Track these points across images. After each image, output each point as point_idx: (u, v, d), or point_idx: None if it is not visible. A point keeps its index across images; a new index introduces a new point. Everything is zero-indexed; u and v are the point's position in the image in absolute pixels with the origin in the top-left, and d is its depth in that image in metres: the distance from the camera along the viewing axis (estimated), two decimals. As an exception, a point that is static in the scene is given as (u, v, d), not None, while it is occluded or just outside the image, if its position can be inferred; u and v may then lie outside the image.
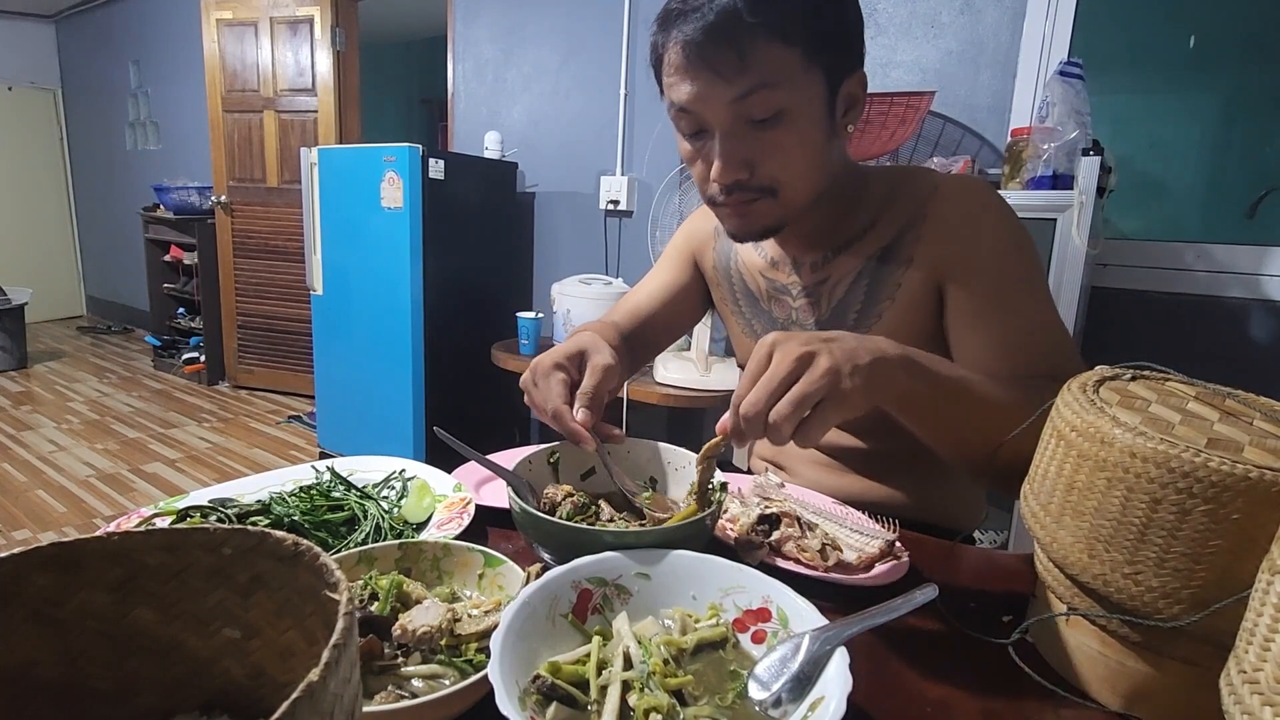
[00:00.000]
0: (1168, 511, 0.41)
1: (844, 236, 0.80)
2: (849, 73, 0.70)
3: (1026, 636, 0.53)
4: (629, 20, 2.60)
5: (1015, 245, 0.73)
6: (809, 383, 0.50)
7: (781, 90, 0.65)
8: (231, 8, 3.53)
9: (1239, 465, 0.39)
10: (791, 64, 0.64)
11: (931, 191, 0.76)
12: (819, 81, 0.67)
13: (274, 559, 0.33)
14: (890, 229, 0.77)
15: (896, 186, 0.78)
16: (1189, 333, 1.80)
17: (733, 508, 0.68)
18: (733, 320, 0.94)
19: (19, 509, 2.50)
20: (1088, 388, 0.50)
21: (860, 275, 0.79)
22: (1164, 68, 1.89)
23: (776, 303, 0.87)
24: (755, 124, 0.67)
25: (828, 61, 0.67)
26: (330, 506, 0.69)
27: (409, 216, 2.48)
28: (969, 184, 0.76)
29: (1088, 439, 0.45)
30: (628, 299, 0.98)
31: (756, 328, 0.90)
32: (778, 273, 0.86)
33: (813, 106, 0.68)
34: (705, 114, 0.67)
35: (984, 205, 0.74)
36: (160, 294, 4.45)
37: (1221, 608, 0.40)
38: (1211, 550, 0.40)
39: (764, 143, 0.68)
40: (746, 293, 0.90)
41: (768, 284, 0.87)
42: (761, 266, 0.88)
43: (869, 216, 0.79)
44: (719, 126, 0.67)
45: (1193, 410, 0.47)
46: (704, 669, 0.46)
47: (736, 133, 0.67)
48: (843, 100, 0.71)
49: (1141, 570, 0.43)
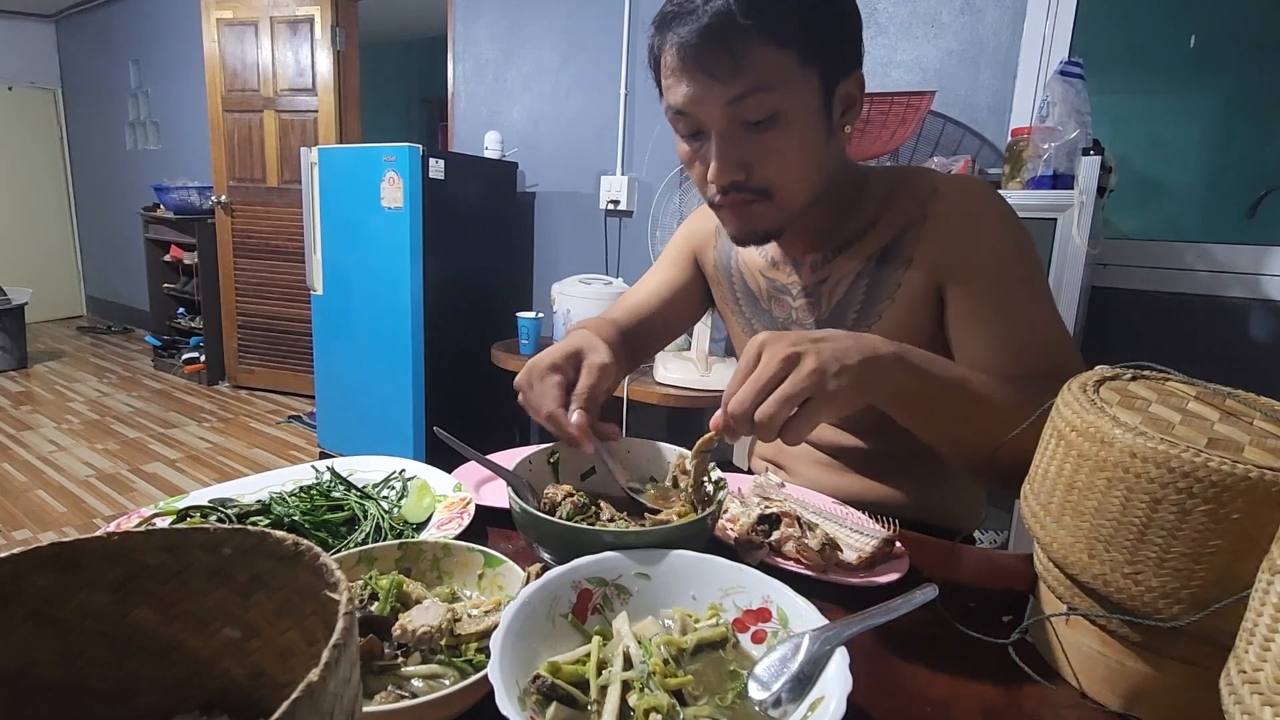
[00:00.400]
0: (1168, 511, 0.41)
1: (844, 236, 0.80)
2: (846, 74, 0.69)
3: (1026, 636, 0.53)
4: (629, 20, 2.60)
5: (1015, 245, 0.73)
6: (794, 383, 0.52)
7: (776, 93, 0.65)
8: (232, 7, 3.53)
9: (1239, 465, 0.39)
10: (786, 66, 0.64)
11: (931, 192, 0.76)
12: (814, 83, 0.67)
13: (274, 559, 0.33)
14: (890, 229, 0.77)
15: (896, 187, 0.78)
16: (1189, 333, 1.80)
17: (733, 508, 0.68)
18: (733, 320, 0.94)
19: (19, 509, 2.50)
20: (1088, 387, 0.50)
21: (860, 275, 0.79)
22: (1164, 68, 1.89)
23: (776, 302, 0.87)
24: (750, 126, 0.67)
25: (823, 63, 0.67)
26: (330, 506, 0.69)
27: (409, 216, 2.48)
28: (969, 184, 0.76)
29: (1088, 439, 0.45)
30: (628, 296, 0.98)
31: (756, 327, 0.90)
32: (778, 272, 0.86)
33: (808, 108, 0.67)
34: (701, 116, 0.67)
35: (984, 205, 0.74)
36: (160, 294, 4.45)
37: (1221, 608, 0.40)
38: (1211, 550, 0.40)
39: (759, 145, 0.68)
40: (747, 292, 0.90)
41: (768, 283, 0.87)
42: (762, 266, 0.88)
43: (869, 216, 0.79)
44: (714, 128, 0.68)
45: (1193, 410, 0.47)
46: (704, 669, 0.46)
47: (732, 135, 0.67)
48: (839, 101, 0.70)
49: (1141, 570, 0.43)
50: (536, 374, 0.67)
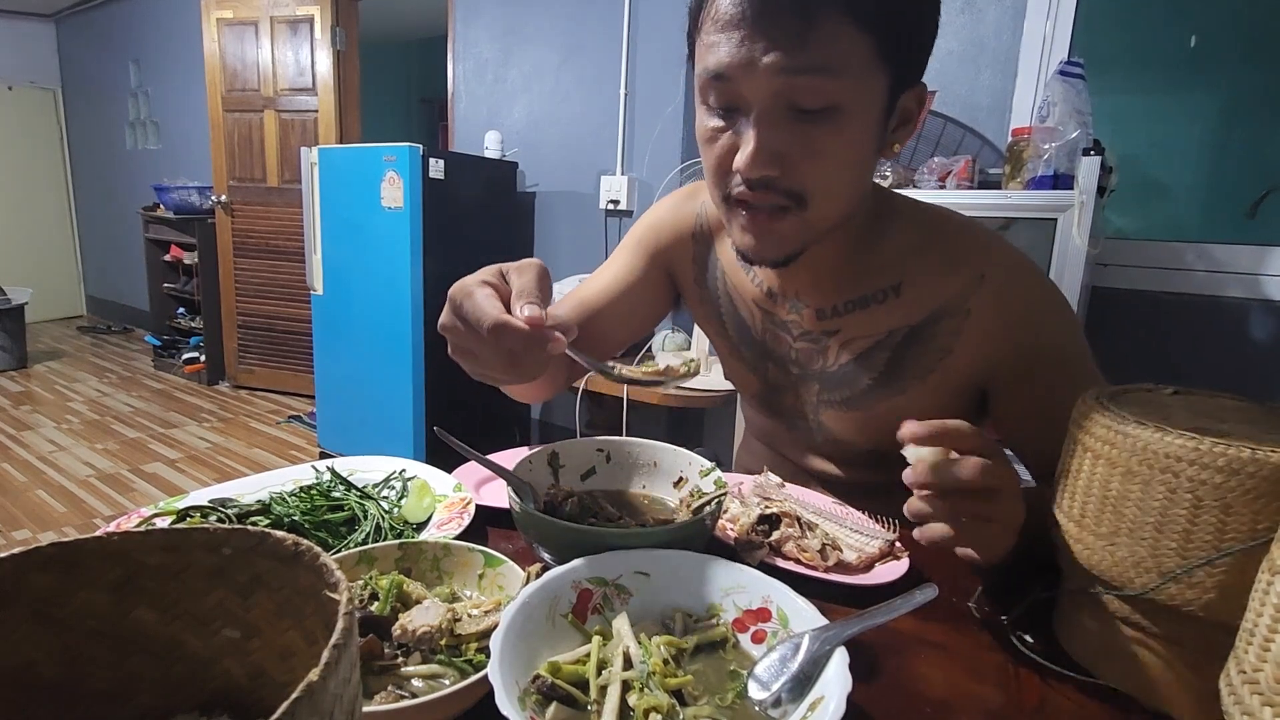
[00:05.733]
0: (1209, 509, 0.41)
1: (859, 289, 0.72)
2: (912, 84, 0.61)
3: (1025, 635, 0.53)
4: (629, 20, 2.60)
5: (1074, 338, 0.69)
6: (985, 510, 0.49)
7: (841, 81, 0.55)
8: (232, 7, 3.53)
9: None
10: (859, 54, 0.55)
11: (976, 282, 0.68)
12: (883, 84, 0.58)
13: (274, 559, 0.33)
14: (920, 307, 0.70)
15: (929, 245, 0.70)
16: (1189, 333, 1.80)
17: (733, 508, 0.68)
18: (718, 341, 0.87)
19: (19, 509, 2.50)
20: (1105, 401, 0.49)
21: (879, 346, 0.72)
22: (1164, 68, 1.89)
23: (772, 336, 0.80)
24: (800, 114, 0.57)
25: (897, 63, 0.58)
26: (330, 506, 0.69)
27: (409, 216, 2.48)
28: (1020, 278, 0.69)
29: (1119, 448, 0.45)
30: (574, 294, 0.86)
31: (746, 354, 0.83)
32: (776, 307, 0.78)
33: (870, 110, 0.58)
34: (743, 86, 0.56)
35: (1039, 303, 0.68)
36: (160, 294, 4.45)
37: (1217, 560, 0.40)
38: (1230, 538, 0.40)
39: (806, 139, 0.57)
40: (736, 318, 0.82)
41: (763, 315, 0.79)
42: (755, 295, 0.79)
43: (893, 274, 0.71)
44: (757, 105, 0.57)
45: (1209, 412, 0.47)
46: (704, 669, 0.46)
47: (776, 118, 0.57)
48: (899, 113, 0.62)
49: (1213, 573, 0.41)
50: (467, 290, 0.50)
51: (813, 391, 0.79)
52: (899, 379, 0.72)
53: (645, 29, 2.59)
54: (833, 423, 0.78)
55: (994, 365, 0.70)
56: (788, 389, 0.82)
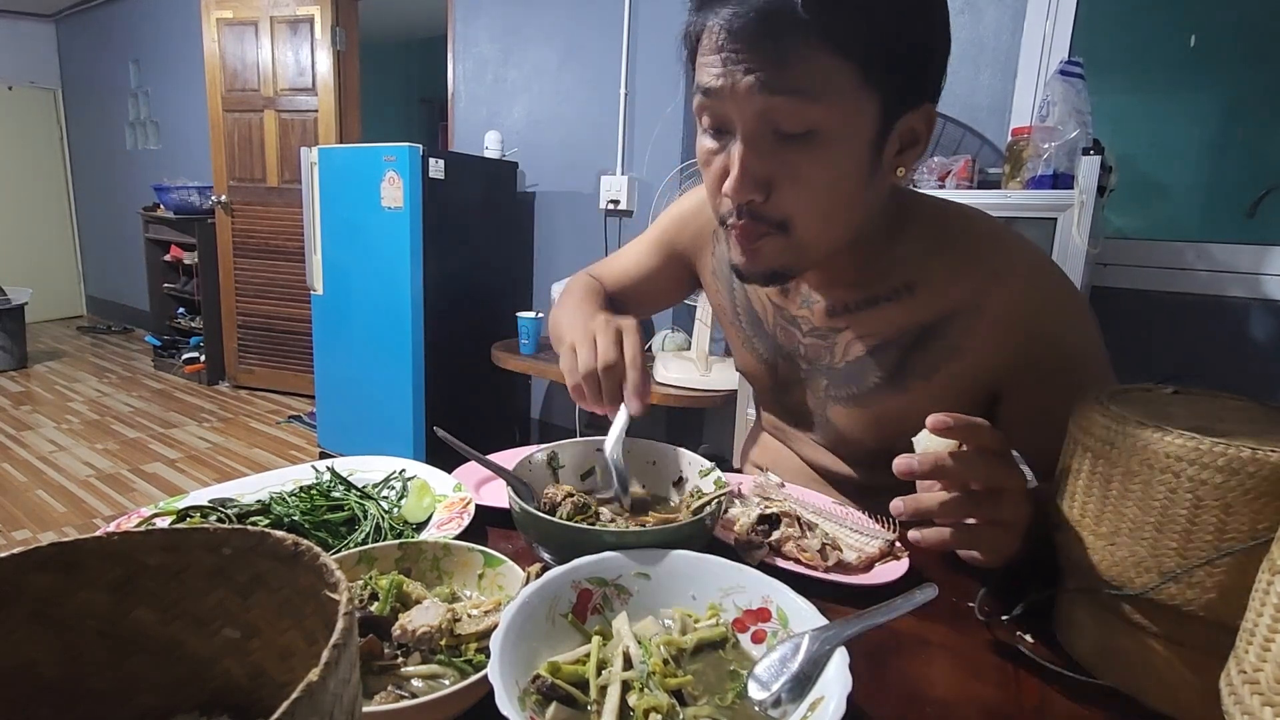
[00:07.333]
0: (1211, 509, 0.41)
1: (871, 289, 0.72)
2: (914, 105, 0.60)
3: (1026, 635, 0.53)
4: (629, 20, 2.60)
5: (1090, 343, 0.68)
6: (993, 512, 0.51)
7: (820, 106, 0.55)
8: (232, 7, 3.53)
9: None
10: (841, 80, 0.55)
11: (990, 280, 0.67)
12: (872, 108, 0.57)
13: (274, 559, 0.33)
14: (931, 308, 0.69)
15: (942, 244, 0.70)
16: (1189, 332, 1.80)
17: (733, 508, 0.68)
18: (731, 329, 0.89)
19: (19, 509, 2.50)
20: (1105, 401, 0.49)
21: (887, 344, 0.72)
22: (1164, 68, 1.89)
23: (782, 330, 0.81)
24: (783, 139, 0.58)
25: (890, 88, 0.57)
26: (330, 506, 0.69)
27: (409, 216, 2.48)
28: (1037, 278, 0.68)
29: (1119, 448, 0.45)
30: (614, 262, 0.98)
31: (758, 346, 0.85)
32: (786, 301, 0.80)
33: (855, 135, 0.58)
34: (729, 108, 0.58)
35: (1055, 304, 0.67)
36: (160, 294, 4.45)
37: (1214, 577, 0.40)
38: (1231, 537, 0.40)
39: (787, 163, 0.59)
40: (749, 310, 0.85)
41: (775, 310, 0.81)
42: (768, 290, 0.81)
43: (904, 274, 0.70)
44: (742, 125, 0.58)
45: (1207, 411, 0.47)
46: (704, 669, 0.46)
47: (759, 143, 0.58)
48: (899, 136, 0.61)
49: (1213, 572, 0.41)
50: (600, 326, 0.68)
51: (821, 387, 0.79)
52: (908, 377, 0.72)
53: (645, 29, 2.59)
54: (840, 419, 0.79)
55: (1006, 365, 0.69)
56: (796, 384, 0.83)
